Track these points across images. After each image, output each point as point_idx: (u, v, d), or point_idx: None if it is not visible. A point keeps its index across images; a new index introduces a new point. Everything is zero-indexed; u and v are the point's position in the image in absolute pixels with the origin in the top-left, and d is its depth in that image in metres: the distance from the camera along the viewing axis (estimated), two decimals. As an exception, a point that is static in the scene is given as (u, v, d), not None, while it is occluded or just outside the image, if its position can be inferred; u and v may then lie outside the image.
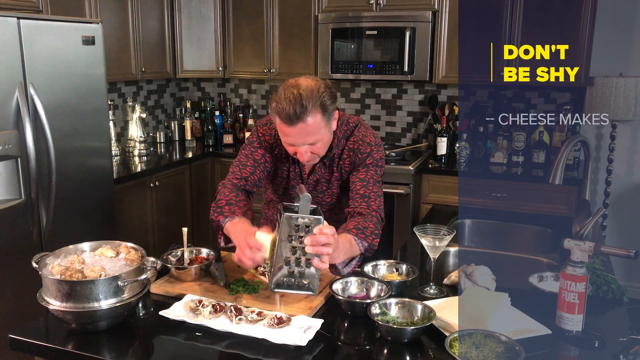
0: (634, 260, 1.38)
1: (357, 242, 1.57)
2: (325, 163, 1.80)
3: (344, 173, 1.81)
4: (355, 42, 3.74)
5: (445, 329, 1.39)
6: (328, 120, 1.62)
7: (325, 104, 1.57)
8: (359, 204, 1.69)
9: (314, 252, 1.37)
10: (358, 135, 1.78)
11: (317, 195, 1.85)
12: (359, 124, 1.81)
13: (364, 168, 1.76)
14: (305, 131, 1.57)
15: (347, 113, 4.24)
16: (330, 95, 1.60)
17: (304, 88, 1.56)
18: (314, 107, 1.55)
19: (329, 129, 1.66)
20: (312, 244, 1.37)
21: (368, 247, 1.60)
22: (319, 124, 1.58)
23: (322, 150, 1.69)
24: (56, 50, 2.67)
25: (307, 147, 1.62)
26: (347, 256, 1.55)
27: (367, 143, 1.77)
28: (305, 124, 1.55)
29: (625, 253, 1.37)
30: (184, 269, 1.67)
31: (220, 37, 4.15)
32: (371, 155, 1.76)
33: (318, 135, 1.61)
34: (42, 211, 2.65)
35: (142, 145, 3.88)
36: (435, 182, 3.51)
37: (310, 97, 1.54)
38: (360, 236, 1.58)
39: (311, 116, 1.55)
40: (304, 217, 1.38)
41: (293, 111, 1.53)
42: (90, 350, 1.34)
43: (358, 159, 1.77)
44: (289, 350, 1.32)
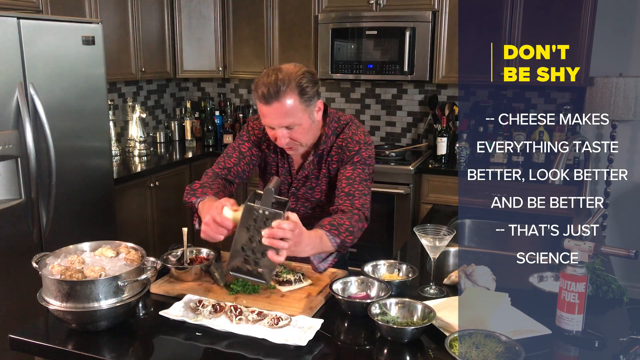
0: (634, 260, 1.38)
1: (330, 239, 1.56)
2: (314, 159, 1.81)
3: (331, 170, 1.81)
4: (355, 42, 3.74)
5: (445, 329, 1.39)
6: (307, 106, 1.64)
7: (303, 86, 1.61)
8: (343, 202, 1.70)
9: (269, 244, 1.38)
10: (348, 133, 1.79)
11: (306, 191, 1.86)
12: (350, 122, 1.82)
13: (351, 166, 1.76)
14: (280, 111, 1.60)
15: (348, 113, 4.26)
16: (309, 80, 1.63)
17: (283, 71, 1.61)
18: (290, 88, 1.59)
19: (309, 116, 1.67)
20: (268, 237, 1.37)
21: (341, 244, 1.58)
22: (296, 106, 1.61)
23: (302, 137, 1.69)
24: (56, 50, 2.67)
25: (284, 131, 1.65)
26: (316, 251, 1.54)
27: (355, 141, 1.77)
28: (280, 103, 1.59)
29: (625, 253, 1.38)
30: (184, 269, 1.67)
31: (220, 37, 4.15)
32: (359, 153, 1.76)
33: (295, 118, 1.63)
34: (42, 211, 2.65)
35: (142, 145, 3.88)
36: (435, 182, 3.51)
37: (287, 78, 1.59)
38: (333, 232, 1.57)
39: (286, 96, 1.59)
40: (264, 209, 1.39)
41: (268, 91, 1.58)
42: (90, 350, 1.34)
43: (346, 157, 1.77)
44: (289, 350, 1.32)
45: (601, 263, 1.64)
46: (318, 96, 1.70)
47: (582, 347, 1.39)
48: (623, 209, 3.70)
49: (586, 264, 1.38)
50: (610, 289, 1.60)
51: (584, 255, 1.37)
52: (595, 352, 1.38)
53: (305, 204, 1.88)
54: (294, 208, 1.88)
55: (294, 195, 1.87)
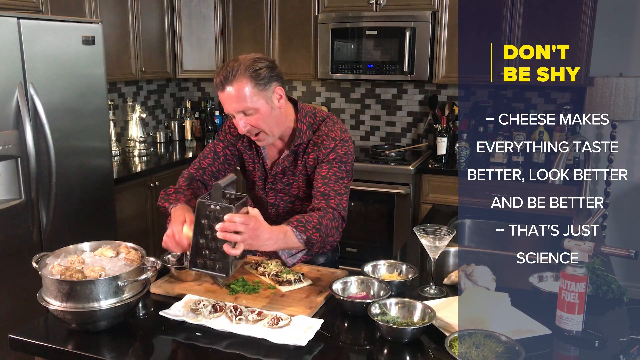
0: (634, 260, 1.38)
1: (295, 234, 1.55)
2: (290, 155, 1.81)
3: (308, 167, 1.81)
4: (355, 42, 3.74)
5: (445, 329, 1.39)
6: (261, 90, 1.64)
7: (256, 69, 1.62)
8: (319, 202, 1.69)
9: (223, 238, 1.39)
10: (324, 130, 1.79)
11: (283, 187, 1.86)
12: (326, 118, 1.82)
13: (327, 165, 1.74)
14: (233, 96, 1.63)
15: (347, 112, 4.27)
16: (267, 67, 1.64)
17: (239, 59, 1.65)
18: (241, 74, 1.61)
19: (266, 101, 1.66)
20: (221, 230, 1.39)
21: (307, 240, 1.56)
22: (249, 91, 1.62)
23: (262, 124, 1.68)
24: (56, 50, 2.67)
25: (242, 117, 1.66)
26: (280, 246, 1.54)
27: (331, 138, 1.77)
28: (232, 88, 1.62)
29: (625, 253, 1.37)
30: (184, 269, 1.67)
31: (220, 37, 4.15)
32: (334, 150, 1.75)
33: (250, 103, 1.63)
34: (42, 211, 2.65)
35: (142, 145, 3.88)
36: (435, 182, 3.51)
37: (240, 65, 1.62)
38: (300, 229, 1.55)
39: (237, 80, 1.61)
40: (215, 204, 1.42)
41: (221, 76, 1.62)
42: (90, 350, 1.34)
43: (322, 154, 1.76)
44: (289, 350, 1.32)
45: (601, 263, 1.64)
46: (279, 82, 1.69)
47: (582, 347, 1.39)
48: (623, 209, 3.71)
49: (586, 264, 1.38)
50: (610, 289, 1.60)
51: (584, 255, 1.37)
52: (595, 352, 1.38)
53: (285, 197, 1.89)
54: (274, 202, 1.89)
55: (273, 190, 1.88)
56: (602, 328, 1.44)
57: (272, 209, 1.91)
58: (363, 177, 3.53)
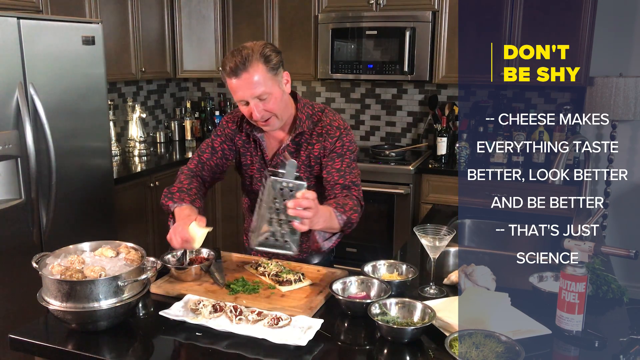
0: (634, 260, 1.38)
1: (337, 215, 1.62)
2: (292, 145, 1.82)
3: (312, 158, 1.83)
4: (355, 42, 3.74)
5: (445, 329, 1.39)
6: (274, 74, 1.68)
7: (267, 55, 1.66)
8: (340, 193, 1.75)
9: (295, 214, 1.42)
10: (326, 120, 1.83)
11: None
12: (325, 109, 1.86)
13: (338, 157, 1.79)
14: (250, 82, 1.64)
15: (347, 112, 4.27)
16: (272, 50, 1.68)
17: (246, 46, 1.67)
18: (255, 58, 1.64)
19: (279, 85, 1.71)
20: (294, 207, 1.42)
21: (347, 221, 1.64)
22: (264, 75, 1.65)
23: (276, 107, 1.71)
24: (56, 50, 2.67)
25: (258, 102, 1.67)
26: (326, 225, 1.58)
27: (335, 127, 1.81)
28: (248, 74, 1.63)
29: (625, 253, 1.37)
30: (184, 269, 1.67)
31: (220, 37, 4.15)
32: (341, 139, 1.80)
33: (265, 87, 1.66)
34: (42, 211, 2.65)
35: (142, 145, 3.88)
36: (435, 182, 3.51)
37: (251, 50, 1.65)
38: (339, 210, 1.63)
39: (253, 66, 1.63)
40: (289, 181, 1.44)
41: (235, 63, 1.63)
42: (90, 350, 1.34)
43: (329, 144, 1.80)
44: (289, 350, 1.32)
45: (601, 263, 1.64)
46: (283, 67, 1.74)
47: (582, 347, 1.39)
48: (623, 209, 3.71)
49: (586, 264, 1.38)
50: (610, 289, 1.60)
51: (584, 255, 1.37)
52: (595, 352, 1.38)
53: None
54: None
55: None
56: (602, 328, 1.44)
57: None
58: (363, 177, 3.47)
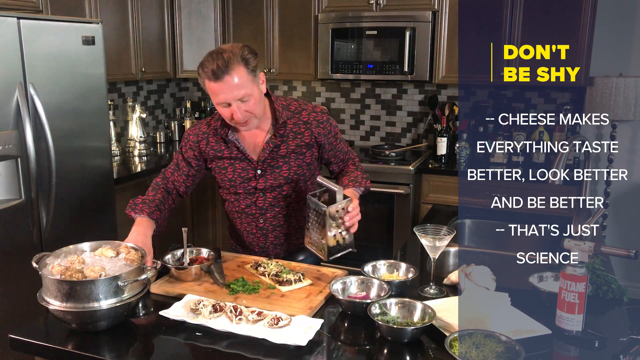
0: (634, 260, 1.38)
1: (357, 190, 1.87)
2: (275, 138, 1.84)
3: (304, 146, 1.87)
4: (355, 42, 3.74)
5: (445, 329, 1.39)
6: (254, 76, 1.70)
7: (246, 58, 1.68)
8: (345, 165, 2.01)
9: (351, 223, 1.66)
10: (308, 109, 1.89)
11: (272, 171, 1.87)
12: (297, 99, 1.93)
13: (334, 140, 1.93)
14: (232, 84, 1.66)
15: (347, 112, 4.27)
16: (250, 52, 1.71)
17: (225, 49, 1.69)
18: (236, 61, 1.65)
19: (257, 87, 1.73)
20: (351, 219, 1.66)
21: (365, 190, 1.91)
22: (245, 77, 1.67)
23: (255, 108, 1.73)
24: (56, 50, 2.67)
25: (240, 104, 1.70)
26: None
27: (318, 112, 1.90)
28: (230, 76, 1.65)
29: (625, 253, 1.37)
30: (184, 269, 1.67)
31: (220, 37, 4.15)
32: (328, 122, 1.90)
33: (246, 89, 1.68)
34: (42, 211, 2.65)
35: (142, 145, 3.88)
36: (435, 182, 3.51)
37: (231, 53, 1.66)
38: (356, 185, 1.87)
39: (234, 68, 1.65)
40: (341, 203, 1.67)
41: (216, 66, 1.64)
42: (90, 350, 1.34)
43: (321, 129, 1.87)
44: (289, 350, 1.32)
45: (601, 263, 1.64)
46: (259, 69, 1.76)
47: (582, 347, 1.39)
48: (623, 209, 3.71)
49: (586, 264, 1.38)
50: (610, 289, 1.60)
51: (584, 255, 1.37)
52: (595, 352, 1.38)
53: (272, 193, 1.89)
54: (262, 206, 1.91)
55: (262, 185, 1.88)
56: (602, 328, 1.44)
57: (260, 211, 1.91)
58: (363, 177, 3.52)
